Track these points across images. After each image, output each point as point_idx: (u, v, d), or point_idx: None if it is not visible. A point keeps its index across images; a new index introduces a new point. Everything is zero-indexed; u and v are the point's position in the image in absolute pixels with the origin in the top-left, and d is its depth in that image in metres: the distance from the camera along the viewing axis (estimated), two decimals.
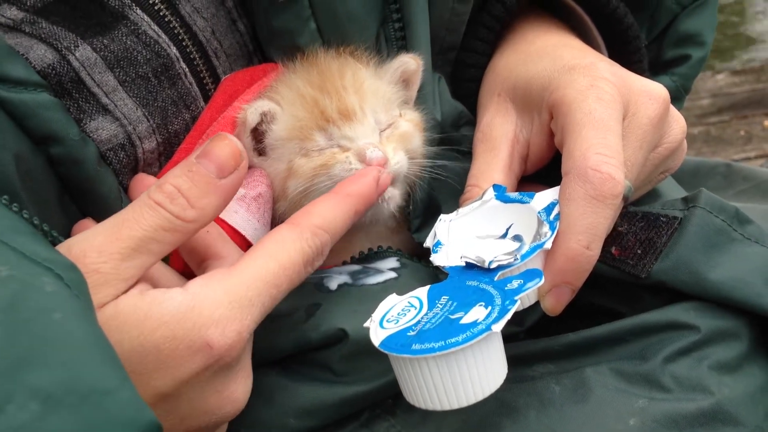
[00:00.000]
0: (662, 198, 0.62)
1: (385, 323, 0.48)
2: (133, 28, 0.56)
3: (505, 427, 0.52)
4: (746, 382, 0.53)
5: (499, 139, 0.60)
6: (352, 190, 0.53)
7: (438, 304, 0.49)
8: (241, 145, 0.48)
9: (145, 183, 0.56)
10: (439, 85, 0.66)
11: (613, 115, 0.52)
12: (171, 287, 0.46)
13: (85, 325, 0.36)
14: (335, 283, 0.57)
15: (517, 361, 0.56)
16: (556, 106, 0.55)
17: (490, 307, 0.46)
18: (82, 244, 0.44)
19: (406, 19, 0.63)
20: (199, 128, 0.61)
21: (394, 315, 0.49)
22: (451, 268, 0.53)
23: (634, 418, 0.51)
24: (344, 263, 0.61)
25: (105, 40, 0.55)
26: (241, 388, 0.48)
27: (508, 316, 0.45)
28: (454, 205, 0.60)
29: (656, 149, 0.57)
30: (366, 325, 0.49)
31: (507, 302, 0.46)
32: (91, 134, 0.55)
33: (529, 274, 0.49)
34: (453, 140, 0.65)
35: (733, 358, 0.54)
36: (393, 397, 0.55)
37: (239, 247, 0.55)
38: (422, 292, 0.51)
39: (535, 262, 0.51)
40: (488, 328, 0.44)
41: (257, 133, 0.60)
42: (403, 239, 0.65)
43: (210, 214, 0.47)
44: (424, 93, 0.65)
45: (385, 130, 0.61)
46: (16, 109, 0.49)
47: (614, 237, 0.57)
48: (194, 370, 0.45)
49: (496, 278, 0.50)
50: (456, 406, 0.46)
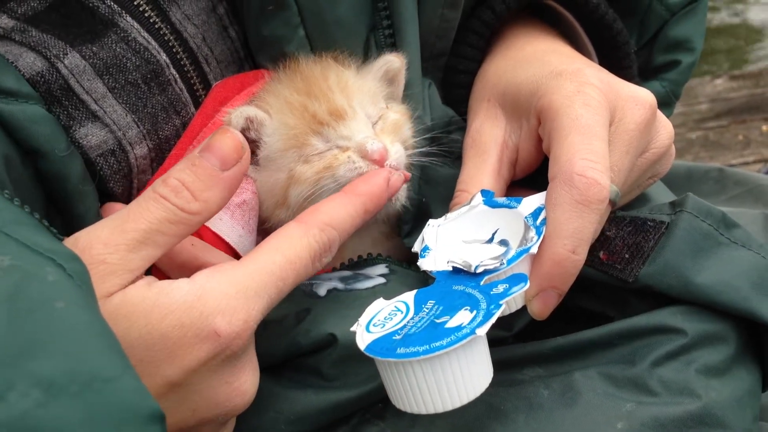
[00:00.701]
0: (651, 202, 0.62)
1: (372, 327, 0.48)
2: (122, 35, 0.57)
3: (494, 430, 0.52)
4: (734, 386, 0.54)
5: (489, 144, 0.61)
6: (363, 190, 0.54)
7: (424, 309, 0.49)
8: (242, 138, 0.49)
9: (116, 209, 0.57)
10: (429, 90, 0.66)
11: (600, 120, 0.53)
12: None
13: (87, 314, 0.36)
14: (324, 288, 0.57)
15: (506, 364, 0.56)
16: (544, 112, 0.55)
17: (475, 311, 0.46)
18: (89, 236, 0.45)
19: (395, 26, 0.64)
20: (190, 134, 0.61)
21: (380, 319, 0.49)
22: (438, 272, 0.53)
23: (621, 422, 0.51)
24: (334, 269, 0.61)
25: (94, 48, 0.56)
26: (249, 379, 0.49)
27: (493, 319, 0.45)
28: (444, 210, 0.61)
29: (643, 154, 0.57)
30: (353, 329, 0.49)
31: (492, 306, 0.46)
32: (81, 140, 0.56)
33: (515, 279, 0.49)
34: (443, 145, 0.65)
35: (721, 362, 0.54)
36: (382, 401, 0.55)
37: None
38: (409, 297, 0.51)
39: (522, 267, 0.51)
40: (472, 332, 0.44)
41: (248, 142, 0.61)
42: (395, 245, 0.65)
43: (214, 206, 0.48)
44: (414, 98, 0.65)
45: (377, 123, 0.62)
46: (5, 120, 0.50)
47: (602, 241, 0.57)
48: (202, 359, 0.45)
49: (482, 283, 0.50)
50: (441, 409, 0.46)
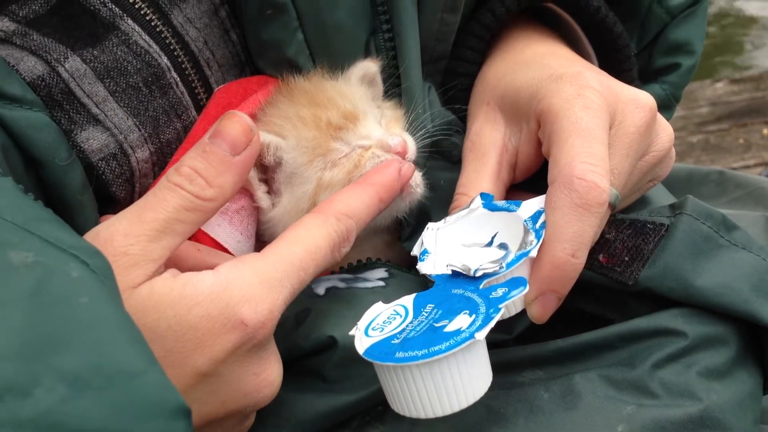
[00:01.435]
0: (651, 205, 0.62)
1: (371, 331, 0.48)
2: (123, 38, 0.57)
3: None
4: (734, 389, 0.53)
5: (488, 147, 0.60)
6: (376, 180, 0.55)
7: (423, 312, 0.49)
8: (250, 121, 0.50)
9: None
10: (430, 94, 0.66)
11: (599, 123, 0.52)
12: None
13: (111, 309, 0.37)
14: (323, 287, 0.57)
15: (506, 367, 0.56)
16: (543, 115, 0.55)
17: (474, 315, 0.46)
18: (109, 230, 0.45)
19: (395, 30, 0.64)
20: (192, 139, 0.61)
21: (379, 323, 0.49)
22: (437, 276, 0.53)
23: (622, 424, 0.51)
24: (333, 273, 0.61)
25: (95, 51, 0.56)
26: (275, 370, 0.49)
27: (492, 324, 0.45)
28: (444, 213, 0.61)
29: (644, 157, 0.57)
30: (351, 333, 0.49)
31: (491, 310, 0.46)
32: (82, 144, 0.56)
33: (514, 282, 0.49)
34: (444, 148, 0.66)
35: (722, 364, 0.54)
36: (383, 404, 0.54)
37: None
38: (408, 301, 0.51)
39: (521, 270, 0.51)
40: (471, 336, 0.44)
41: (264, 168, 0.61)
42: (397, 254, 0.65)
43: (228, 191, 0.49)
44: (415, 102, 0.65)
45: (380, 121, 0.63)
46: (7, 126, 0.50)
47: (602, 244, 0.57)
48: (229, 349, 0.46)
49: (481, 286, 0.50)
50: (440, 413, 0.46)
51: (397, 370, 0.45)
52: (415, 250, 0.56)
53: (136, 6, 0.57)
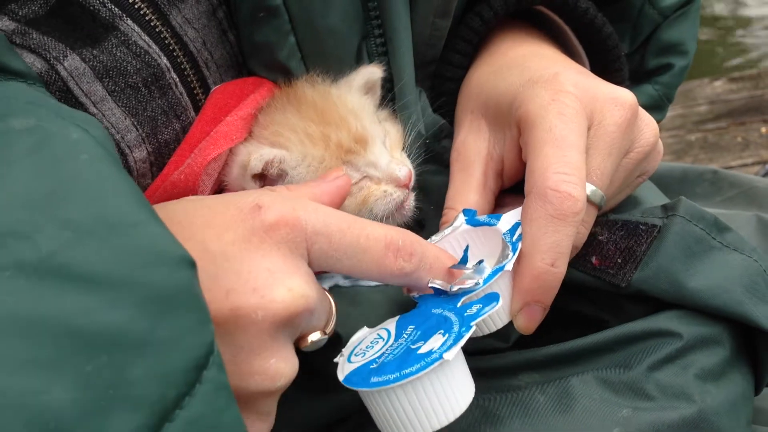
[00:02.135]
0: (643, 205, 0.62)
1: (353, 357, 0.48)
2: (123, 38, 0.57)
3: None
4: (728, 390, 0.53)
5: (473, 158, 0.60)
6: None
7: (404, 335, 0.49)
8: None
9: None
10: (421, 98, 0.66)
11: (574, 129, 0.52)
12: None
13: (112, 168, 0.36)
14: (326, 285, 0.57)
15: (502, 371, 0.56)
16: (521, 122, 0.55)
17: (447, 335, 0.46)
18: None
19: (387, 34, 0.64)
20: (190, 141, 0.61)
21: (362, 348, 0.49)
22: (420, 297, 0.53)
23: (618, 427, 0.51)
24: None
25: (95, 51, 0.56)
26: (298, 282, 0.43)
27: (461, 342, 0.45)
28: (437, 219, 0.61)
29: (628, 155, 0.57)
30: (335, 360, 0.49)
31: (463, 329, 0.46)
32: None
33: (488, 299, 0.49)
34: (435, 153, 0.66)
35: (716, 365, 0.54)
36: None
37: None
38: (391, 324, 0.51)
39: (499, 285, 0.51)
40: (440, 356, 0.44)
41: (266, 179, 0.61)
42: None
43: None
44: (408, 107, 0.65)
45: (385, 140, 0.63)
46: None
47: (594, 246, 0.57)
48: (239, 232, 0.43)
49: (459, 304, 0.49)
50: None
51: (374, 394, 0.45)
52: None
53: (136, 6, 0.57)
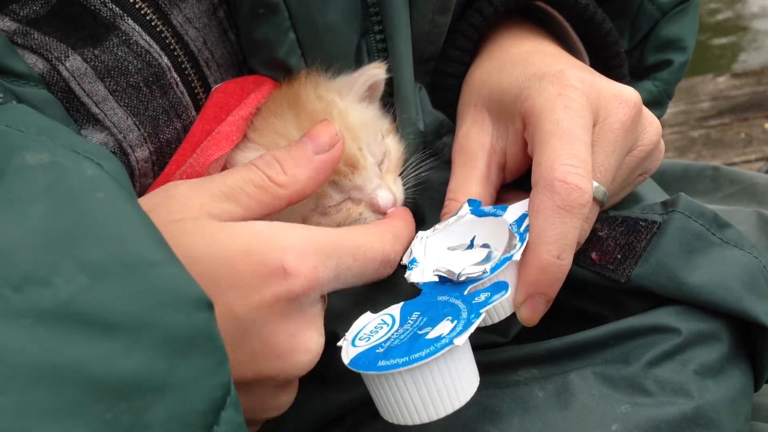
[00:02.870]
0: (643, 202, 0.62)
1: (357, 341, 0.49)
2: (124, 38, 0.57)
3: None
4: (727, 386, 0.53)
5: (476, 151, 0.60)
6: (409, 216, 0.59)
7: (409, 321, 0.49)
8: (339, 131, 0.53)
9: None
10: (420, 95, 0.66)
11: (581, 123, 0.52)
12: None
13: (128, 205, 0.36)
14: None
15: (501, 366, 0.56)
16: (527, 116, 0.55)
17: (455, 321, 0.46)
18: (178, 185, 0.46)
19: (387, 31, 0.64)
20: (191, 140, 0.61)
21: (366, 333, 0.49)
22: (425, 284, 0.53)
23: (616, 424, 0.51)
24: None
25: (96, 51, 0.56)
26: (314, 337, 0.47)
27: (472, 329, 0.45)
28: (437, 214, 0.61)
29: (631, 153, 0.57)
30: (339, 344, 0.49)
31: (472, 315, 0.46)
32: None
33: (496, 287, 0.49)
34: (435, 150, 0.66)
35: (715, 361, 0.54)
36: None
37: None
38: (395, 309, 0.51)
39: (506, 275, 0.51)
40: (450, 342, 0.44)
41: None
42: None
43: (301, 184, 0.50)
44: (407, 104, 0.65)
45: (383, 161, 0.62)
46: (23, 102, 0.49)
47: (594, 242, 0.57)
48: (266, 297, 0.44)
49: (465, 292, 0.50)
50: (427, 420, 0.46)
51: (380, 378, 0.45)
52: (405, 260, 0.56)
53: (137, 6, 0.57)
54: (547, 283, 0.51)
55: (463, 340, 0.44)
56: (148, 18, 0.58)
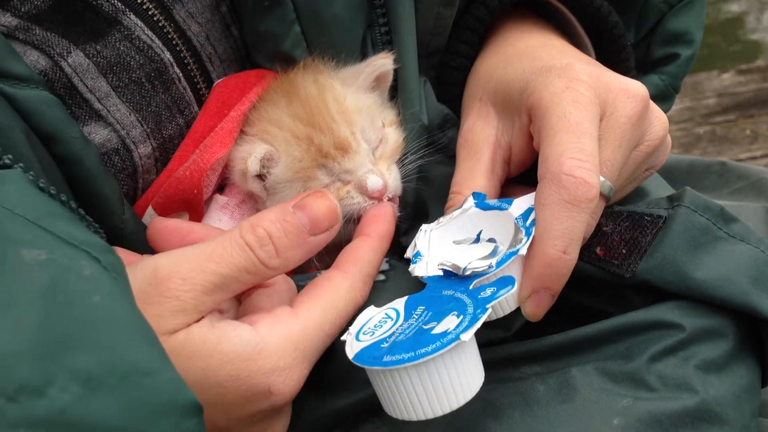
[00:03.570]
0: (649, 196, 0.62)
1: (361, 336, 0.48)
2: (126, 33, 0.57)
3: (489, 427, 0.52)
4: (732, 382, 0.53)
5: (481, 144, 0.60)
6: (384, 232, 0.57)
7: (414, 315, 0.49)
8: (338, 207, 0.51)
9: (163, 225, 0.56)
10: (425, 88, 0.66)
11: (588, 117, 0.52)
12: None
13: (124, 308, 0.37)
14: None
15: (504, 363, 0.56)
16: (533, 110, 0.55)
17: (461, 316, 0.46)
18: (169, 268, 0.45)
19: (392, 24, 0.64)
20: (193, 136, 0.61)
21: (370, 327, 0.49)
22: (429, 278, 0.52)
23: (618, 417, 0.50)
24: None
25: (98, 46, 0.56)
26: (283, 423, 0.50)
27: (478, 324, 0.45)
28: (440, 208, 0.61)
29: (637, 147, 0.57)
30: (343, 338, 0.49)
31: (478, 311, 0.46)
32: None
33: (503, 282, 0.48)
34: (439, 143, 0.65)
35: (719, 357, 0.53)
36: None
37: None
38: (399, 304, 0.51)
39: (512, 269, 0.51)
40: (457, 337, 0.44)
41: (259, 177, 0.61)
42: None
43: (291, 264, 0.49)
44: (411, 97, 0.65)
45: (378, 147, 0.62)
46: (19, 105, 0.50)
47: (599, 237, 0.57)
48: (250, 412, 0.46)
49: (471, 287, 0.49)
50: (431, 415, 0.46)
51: (385, 373, 0.45)
52: (408, 253, 0.56)
53: (139, 1, 0.57)
54: (553, 277, 0.50)
55: (470, 336, 0.44)
56: (150, 13, 0.58)
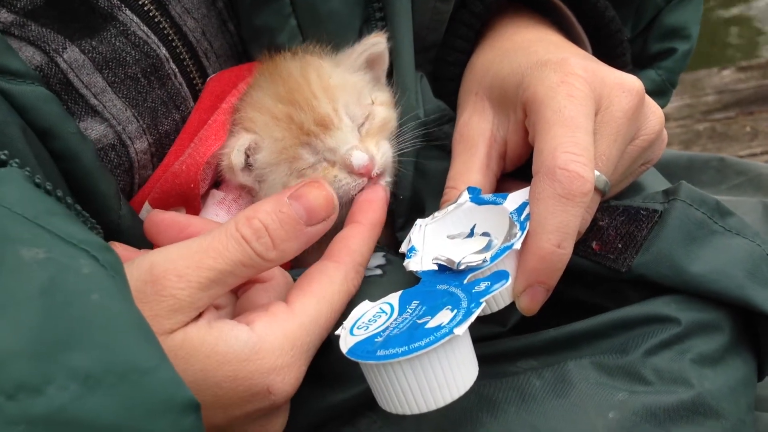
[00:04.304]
0: (645, 191, 0.61)
1: (356, 330, 0.48)
2: (122, 29, 0.57)
3: (485, 422, 0.52)
4: (727, 375, 0.53)
5: (476, 138, 0.60)
6: (376, 219, 0.57)
7: (408, 309, 0.49)
8: (335, 196, 0.50)
9: (160, 219, 0.56)
10: (421, 83, 0.66)
11: (583, 111, 0.52)
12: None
13: (122, 306, 0.37)
14: None
15: (499, 357, 0.56)
16: (528, 104, 0.54)
17: (455, 311, 0.46)
18: (165, 265, 0.45)
19: (388, 18, 0.64)
20: (188, 130, 0.61)
21: (364, 322, 0.49)
22: (423, 272, 0.52)
23: (613, 411, 0.50)
24: None
25: (93, 42, 0.56)
26: (281, 421, 0.50)
27: (472, 318, 0.45)
28: (436, 203, 0.61)
29: (633, 141, 0.56)
30: (337, 332, 0.49)
31: (472, 305, 0.46)
32: None
33: (497, 276, 0.48)
34: (436, 138, 0.65)
35: (715, 351, 0.53)
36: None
37: None
38: (394, 298, 0.51)
39: (506, 263, 0.50)
40: (450, 331, 0.44)
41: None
42: (386, 235, 0.65)
43: (288, 257, 0.49)
44: (408, 91, 0.65)
45: (364, 124, 0.61)
46: (16, 100, 0.50)
47: (595, 231, 0.57)
48: (249, 411, 0.46)
49: (465, 281, 0.49)
50: (425, 409, 0.46)
51: (379, 367, 0.45)
52: (403, 248, 0.56)
53: None
54: (547, 272, 0.50)
55: (463, 330, 0.44)
56: (145, 9, 0.58)
